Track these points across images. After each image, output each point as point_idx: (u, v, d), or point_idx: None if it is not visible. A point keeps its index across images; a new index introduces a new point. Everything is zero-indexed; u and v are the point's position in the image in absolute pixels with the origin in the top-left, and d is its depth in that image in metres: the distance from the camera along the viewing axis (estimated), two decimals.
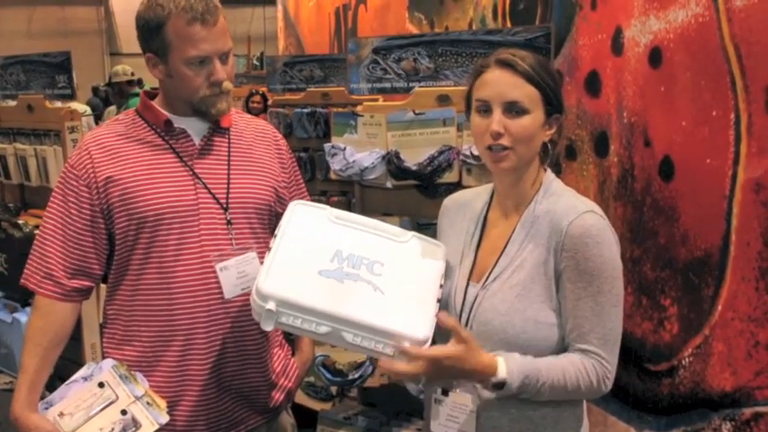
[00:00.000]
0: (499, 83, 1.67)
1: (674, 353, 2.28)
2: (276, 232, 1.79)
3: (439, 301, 1.73)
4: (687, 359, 2.22)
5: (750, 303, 1.99)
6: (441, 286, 1.76)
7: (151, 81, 2.05)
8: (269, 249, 1.75)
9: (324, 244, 1.75)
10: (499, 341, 1.65)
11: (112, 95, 7.83)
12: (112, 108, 7.79)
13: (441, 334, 1.74)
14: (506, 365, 1.59)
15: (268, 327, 1.66)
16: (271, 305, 1.63)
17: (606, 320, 1.63)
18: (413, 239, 1.83)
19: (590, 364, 1.62)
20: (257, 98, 7.18)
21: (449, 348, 1.60)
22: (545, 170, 1.77)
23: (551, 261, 1.66)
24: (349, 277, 1.70)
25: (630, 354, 2.47)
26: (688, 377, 2.22)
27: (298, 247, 1.74)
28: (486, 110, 1.68)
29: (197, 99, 1.94)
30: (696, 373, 2.19)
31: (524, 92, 1.65)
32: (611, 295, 1.63)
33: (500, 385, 1.59)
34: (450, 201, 1.94)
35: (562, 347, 1.66)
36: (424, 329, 1.64)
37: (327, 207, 1.87)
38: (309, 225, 1.80)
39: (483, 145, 1.69)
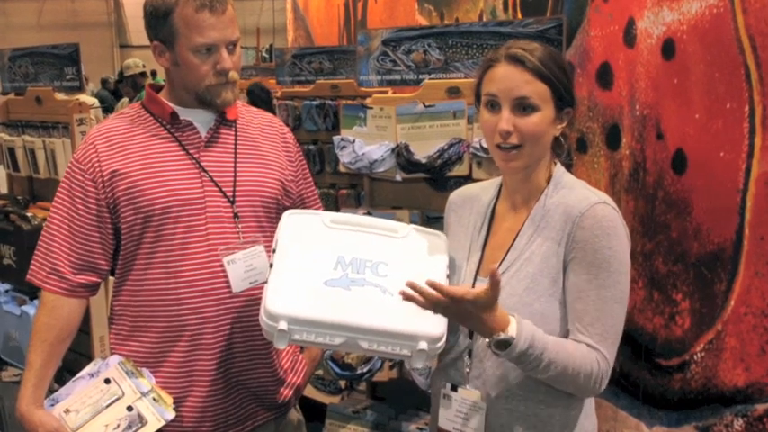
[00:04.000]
0: (508, 79, 1.64)
1: (686, 348, 2.26)
2: (273, 246, 1.77)
3: None
4: (699, 354, 2.20)
5: (763, 298, 1.97)
6: (447, 276, 1.74)
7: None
8: (270, 266, 1.73)
9: (324, 251, 1.73)
10: None
11: (124, 89, 7.82)
12: (125, 100, 7.80)
13: (452, 332, 1.72)
14: (517, 326, 1.55)
15: (282, 345, 1.65)
16: (282, 325, 1.62)
17: (607, 317, 1.60)
18: (412, 233, 1.82)
19: (594, 357, 1.59)
20: None
21: (477, 291, 1.53)
22: (555, 163, 1.75)
23: (561, 253, 1.64)
24: (355, 283, 1.68)
25: (641, 348, 2.45)
26: (700, 372, 2.20)
27: (299, 260, 1.72)
28: (494, 105, 1.66)
29: (202, 88, 1.92)
30: (708, 368, 2.17)
31: (534, 88, 1.62)
32: (616, 290, 1.61)
33: (506, 344, 1.55)
34: (456, 195, 1.92)
35: None
36: (439, 326, 1.64)
37: (320, 212, 1.86)
38: (306, 234, 1.78)
39: (492, 143, 1.68)
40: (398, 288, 1.65)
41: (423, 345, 1.62)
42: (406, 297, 1.54)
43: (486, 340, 1.57)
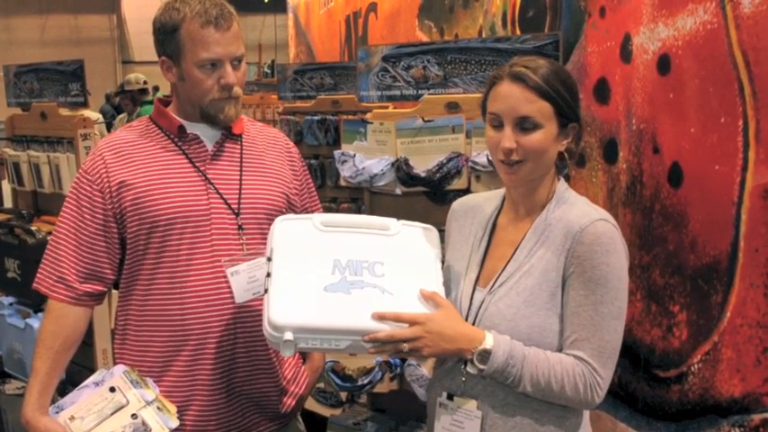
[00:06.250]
0: (510, 97, 1.65)
1: (683, 359, 2.27)
2: (269, 255, 1.78)
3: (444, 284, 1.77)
4: (696, 365, 2.22)
5: (759, 310, 1.99)
6: (441, 267, 1.80)
7: (167, 89, 2.08)
8: (267, 275, 1.74)
9: (320, 257, 1.75)
10: None
11: (123, 103, 7.86)
12: (123, 116, 7.83)
13: None
14: (494, 338, 1.62)
15: (288, 354, 1.67)
16: (288, 335, 1.63)
17: (604, 332, 1.62)
18: (402, 229, 1.85)
19: (579, 370, 1.61)
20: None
21: (429, 312, 1.66)
22: (559, 179, 1.77)
23: (560, 267, 1.66)
24: (354, 286, 1.70)
25: (639, 360, 2.46)
26: (697, 383, 2.22)
27: (296, 267, 1.73)
28: (498, 124, 1.68)
29: (206, 102, 1.96)
30: (705, 379, 2.19)
31: (536, 107, 1.64)
32: (613, 307, 1.63)
33: (485, 357, 1.60)
34: (458, 204, 1.94)
35: None
36: None
37: (311, 215, 1.88)
38: (299, 240, 1.79)
39: (496, 158, 1.70)
40: (396, 287, 1.71)
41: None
42: (377, 351, 1.65)
43: (467, 361, 1.64)
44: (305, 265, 1.74)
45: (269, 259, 1.77)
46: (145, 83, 7.59)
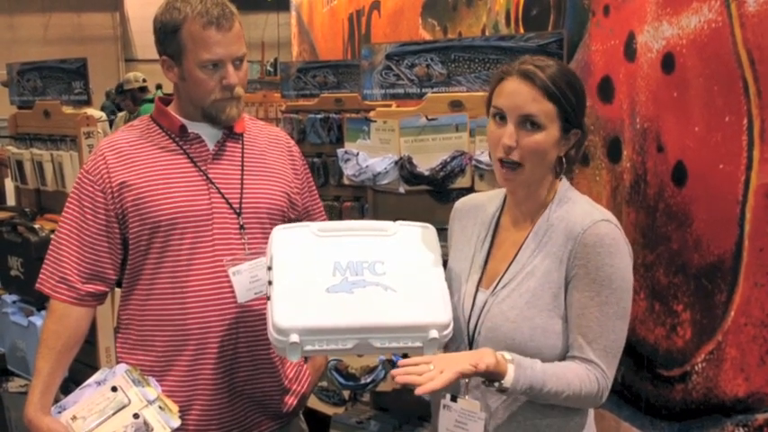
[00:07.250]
0: (517, 94, 1.63)
1: (687, 358, 2.27)
2: (268, 263, 1.78)
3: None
4: (700, 365, 2.22)
5: (763, 309, 1.98)
6: (442, 264, 1.80)
7: (170, 87, 2.08)
8: (269, 283, 1.75)
9: (319, 260, 1.75)
10: (506, 347, 1.64)
11: (123, 101, 7.84)
12: (123, 114, 7.82)
13: (452, 341, 1.74)
14: (514, 374, 1.58)
15: (295, 358, 1.67)
16: (294, 338, 1.63)
17: (610, 332, 1.62)
18: (400, 229, 1.85)
19: (593, 377, 1.62)
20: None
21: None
22: (561, 179, 1.76)
23: (563, 269, 1.65)
24: (356, 285, 1.70)
25: (643, 359, 2.46)
26: (701, 383, 2.21)
27: (296, 272, 1.74)
28: (501, 118, 1.66)
29: (208, 103, 1.95)
30: (709, 378, 2.18)
31: (541, 107, 1.62)
32: (618, 307, 1.62)
33: (503, 390, 1.59)
34: (461, 204, 1.93)
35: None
36: (446, 313, 1.69)
37: (308, 223, 1.89)
38: (299, 246, 1.80)
39: (496, 156, 1.68)
40: (398, 284, 1.71)
41: (433, 333, 1.66)
42: (401, 379, 1.52)
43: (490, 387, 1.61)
44: (306, 269, 1.74)
45: (269, 268, 1.77)
46: (144, 81, 7.57)
